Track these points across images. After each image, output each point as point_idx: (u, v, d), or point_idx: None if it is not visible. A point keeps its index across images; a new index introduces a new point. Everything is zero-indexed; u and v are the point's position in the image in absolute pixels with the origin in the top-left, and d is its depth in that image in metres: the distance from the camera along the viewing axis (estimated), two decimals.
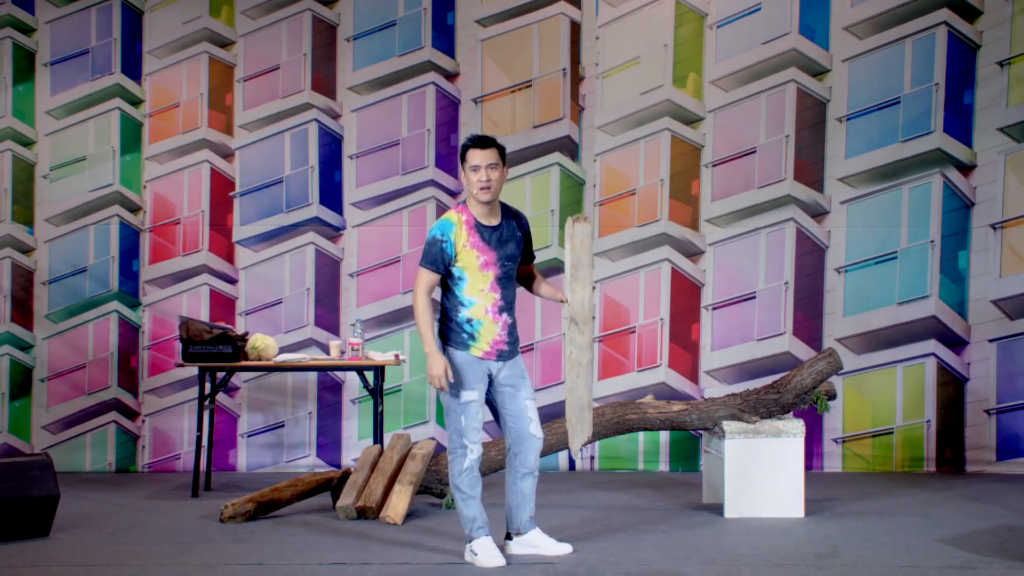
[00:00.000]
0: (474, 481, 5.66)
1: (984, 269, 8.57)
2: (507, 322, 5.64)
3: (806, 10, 8.69)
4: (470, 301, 5.60)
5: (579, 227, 5.61)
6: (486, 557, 5.62)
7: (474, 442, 5.62)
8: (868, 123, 8.65)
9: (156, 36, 8.94)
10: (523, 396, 5.72)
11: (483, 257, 5.58)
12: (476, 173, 5.59)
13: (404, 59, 8.89)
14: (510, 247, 5.66)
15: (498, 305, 5.62)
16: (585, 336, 5.66)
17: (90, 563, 5.74)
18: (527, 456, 5.74)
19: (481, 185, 5.58)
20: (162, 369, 8.85)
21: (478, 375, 5.62)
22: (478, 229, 5.60)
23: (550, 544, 5.84)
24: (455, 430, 5.63)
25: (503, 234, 5.65)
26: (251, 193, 8.92)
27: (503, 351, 5.65)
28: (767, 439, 6.85)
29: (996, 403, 8.55)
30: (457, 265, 5.58)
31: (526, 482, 5.78)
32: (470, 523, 5.67)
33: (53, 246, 8.92)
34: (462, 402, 5.61)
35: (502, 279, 5.63)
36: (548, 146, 8.76)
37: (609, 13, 8.81)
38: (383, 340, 8.72)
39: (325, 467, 8.70)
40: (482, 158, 5.60)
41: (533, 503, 5.84)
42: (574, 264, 5.65)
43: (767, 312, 8.67)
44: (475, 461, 5.64)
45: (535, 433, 5.73)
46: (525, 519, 5.82)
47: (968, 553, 5.82)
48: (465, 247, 5.56)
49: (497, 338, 5.62)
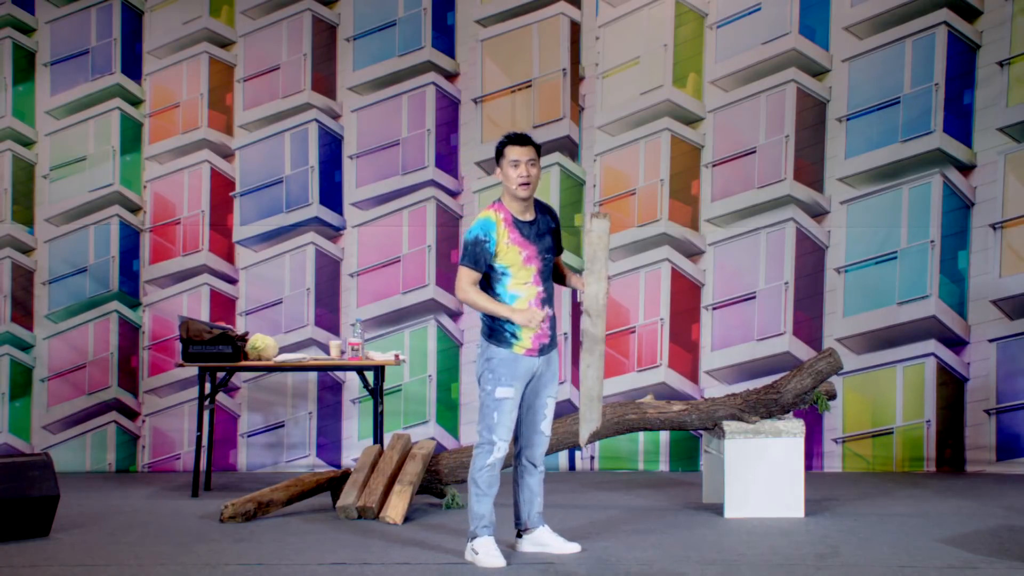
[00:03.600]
0: (492, 480, 5.67)
1: (984, 269, 8.58)
2: (548, 314, 5.67)
3: (806, 10, 8.69)
4: (513, 296, 5.63)
5: (596, 222, 5.65)
6: (486, 557, 5.62)
7: (502, 439, 5.64)
8: (868, 123, 8.66)
9: (156, 36, 8.94)
10: (546, 394, 5.76)
11: (525, 252, 5.62)
12: (516, 168, 5.61)
13: (404, 59, 8.89)
14: (547, 240, 5.71)
15: (540, 298, 5.65)
16: (597, 328, 5.69)
17: (90, 563, 5.74)
18: (535, 451, 5.77)
19: (521, 180, 5.60)
20: (162, 369, 8.85)
21: (517, 373, 5.64)
22: (517, 225, 5.63)
23: (558, 542, 5.84)
24: (486, 425, 5.66)
25: (539, 228, 5.69)
26: (251, 193, 8.92)
27: (545, 344, 5.69)
28: (767, 439, 6.85)
29: (996, 403, 8.55)
30: (499, 262, 5.61)
31: (533, 478, 5.80)
32: (477, 520, 5.67)
33: (53, 246, 8.92)
34: (496, 398, 5.63)
35: (543, 272, 5.68)
36: (548, 146, 8.76)
37: (609, 13, 8.81)
38: (383, 340, 8.72)
39: (325, 467, 8.70)
40: (522, 154, 5.63)
41: (541, 499, 5.85)
42: (590, 258, 5.70)
43: (767, 312, 8.67)
44: (499, 459, 5.65)
45: (544, 430, 5.76)
46: (534, 514, 5.82)
47: (968, 553, 5.82)
48: (508, 244, 5.60)
49: (539, 332, 5.65)
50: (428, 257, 8.82)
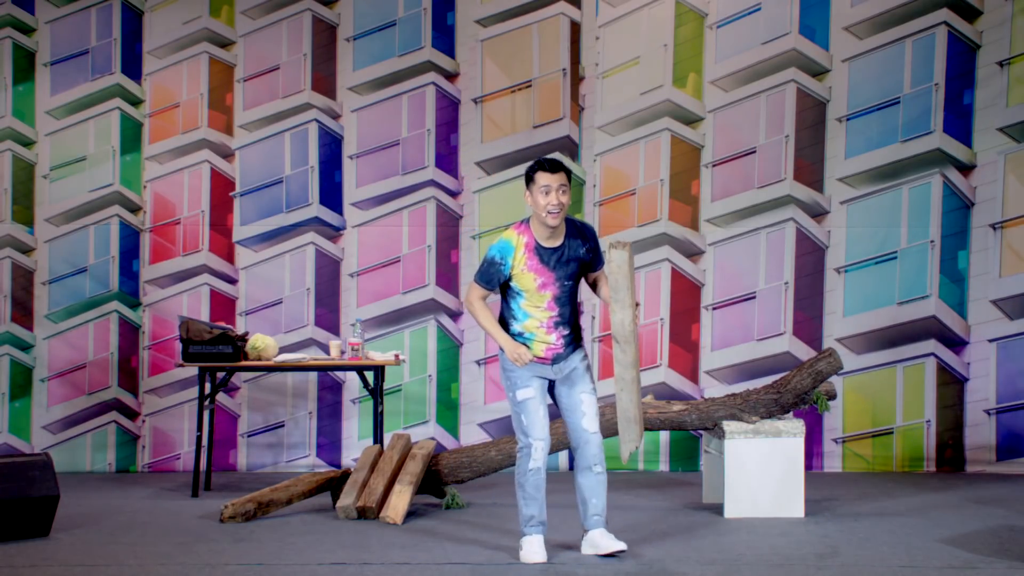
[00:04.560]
0: (539, 483, 5.67)
1: (984, 269, 8.58)
2: (563, 334, 5.65)
3: (806, 10, 8.69)
4: (524, 315, 5.64)
5: (615, 253, 5.50)
6: (527, 553, 5.67)
7: (537, 438, 5.63)
8: (868, 123, 8.66)
9: (156, 36, 8.94)
10: (579, 390, 5.72)
11: (541, 279, 5.59)
12: (547, 196, 5.53)
13: (404, 59, 8.89)
14: (571, 267, 5.64)
15: (553, 321, 5.63)
16: (628, 355, 5.57)
17: (90, 563, 5.74)
18: (584, 451, 5.74)
19: (550, 209, 5.52)
20: (162, 369, 8.85)
21: (532, 373, 5.66)
22: (538, 252, 5.59)
23: (608, 542, 5.75)
24: (519, 429, 5.68)
25: (563, 255, 5.62)
26: (251, 193, 8.92)
27: (559, 354, 5.67)
28: (767, 439, 6.85)
29: (996, 403, 8.55)
30: (515, 283, 5.62)
31: (586, 478, 5.75)
32: (526, 521, 5.70)
33: (53, 246, 8.92)
34: (519, 400, 5.66)
35: (560, 297, 5.63)
36: (548, 146, 8.76)
37: (609, 13, 8.81)
38: (383, 340, 8.72)
39: (325, 467, 8.69)
40: (553, 180, 5.55)
41: (599, 500, 5.77)
42: (613, 287, 5.56)
43: (767, 312, 8.67)
44: (540, 461, 5.64)
45: (587, 427, 5.71)
46: (589, 516, 5.78)
47: (968, 553, 5.82)
48: (523, 270, 5.58)
49: (553, 345, 5.65)
50: (428, 257, 8.82)
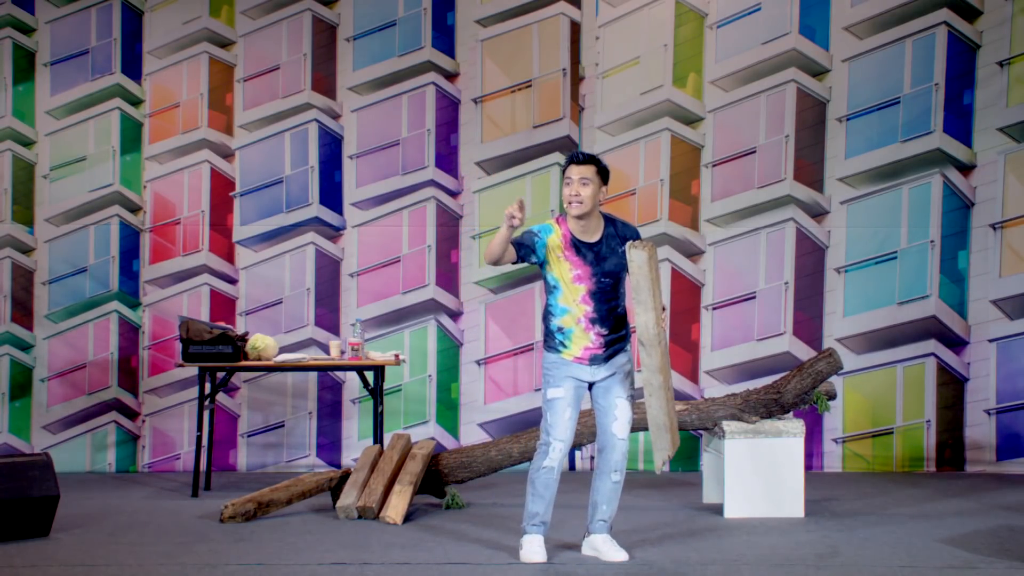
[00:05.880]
0: (549, 482, 5.67)
1: (984, 269, 8.58)
2: (600, 333, 5.63)
3: (806, 10, 8.69)
4: (562, 310, 5.65)
5: (635, 253, 5.43)
6: (527, 553, 5.68)
7: (558, 439, 5.63)
8: (868, 123, 8.66)
9: (156, 36, 8.94)
10: (615, 394, 5.71)
11: (576, 271, 5.61)
12: (568, 187, 5.59)
13: (404, 59, 8.89)
14: (609, 263, 5.63)
15: (590, 317, 5.63)
16: (653, 358, 5.48)
17: (90, 563, 5.74)
18: (608, 455, 5.73)
19: (569, 199, 5.58)
20: (162, 369, 8.85)
21: (566, 374, 5.66)
22: (574, 244, 5.62)
23: (609, 549, 5.75)
24: (543, 427, 5.70)
25: (602, 251, 5.64)
26: (251, 193, 8.92)
27: (596, 355, 5.66)
28: (767, 439, 6.85)
29: (996, 403, 8.56)
30: (551, 273, 5.64)
31: (604, 482, 5.74)
32: (529, 518, 5.71)
33: (53, 246, 8.92)
34: (548, 399, 5.68)
35: (596, 293, 5.62)
36: (548, 146, 8.77)
37: (609, 13, 8.81)
38: (383, 340, 8.72)
39: (325, 467, 8.70)
40: (575, 172, 5.61)
41: (609, 507, 5.77)
42: (635, 288, 5.48)
43: (767, 312, 8.67)
44: (556, 461, 5.64)
45: (616, 432, 5.70)
46: (596, 520, 5.78)
47: (968, 553, 5.82)
48: (559, 257, 5.61)
49: (590, 345, 5.65)
50: (428, 257, 8.82)
